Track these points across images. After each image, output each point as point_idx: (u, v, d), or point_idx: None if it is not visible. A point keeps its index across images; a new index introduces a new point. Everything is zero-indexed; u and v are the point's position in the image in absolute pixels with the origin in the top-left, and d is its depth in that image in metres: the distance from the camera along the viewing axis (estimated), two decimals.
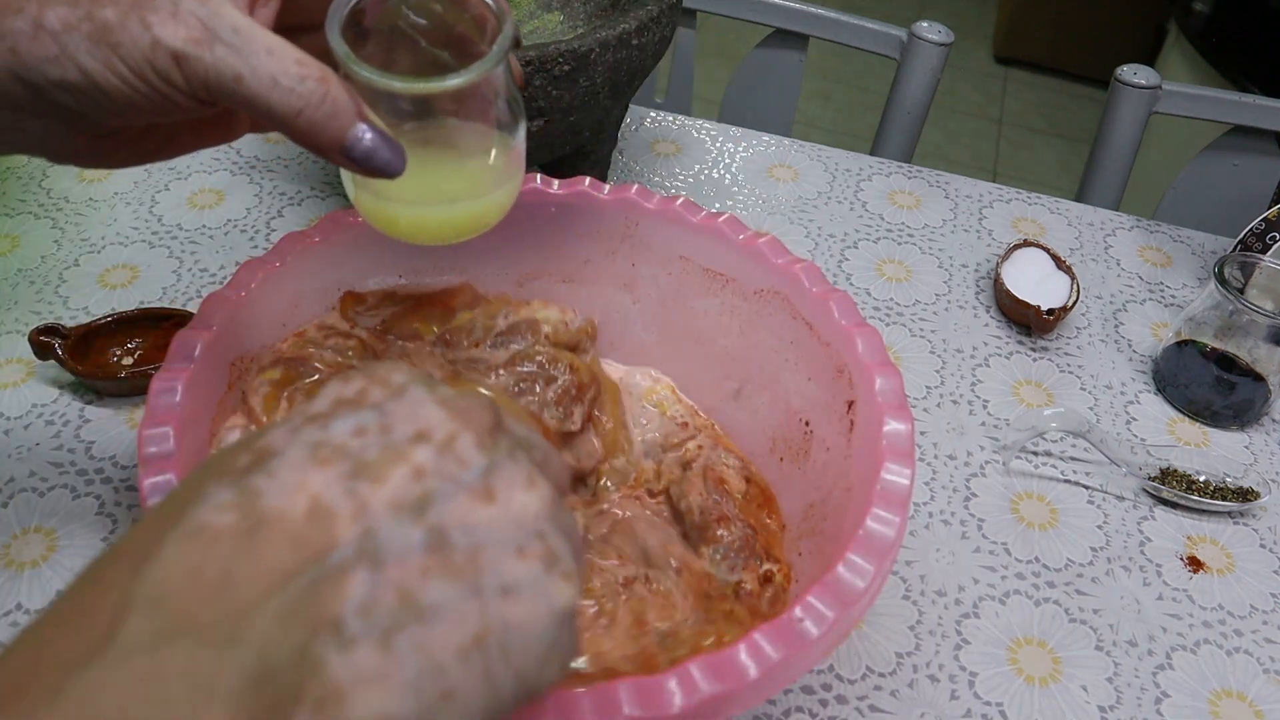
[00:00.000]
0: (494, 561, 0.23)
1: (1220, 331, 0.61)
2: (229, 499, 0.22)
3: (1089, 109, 2.50)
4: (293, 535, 0.22)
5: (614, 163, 0.79)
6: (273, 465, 0.23)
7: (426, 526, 0.23)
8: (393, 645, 0.21)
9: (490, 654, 0.22)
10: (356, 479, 0.23)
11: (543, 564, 0.24)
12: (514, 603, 0.23)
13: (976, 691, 0.47)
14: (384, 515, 0.22)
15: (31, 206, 0.70)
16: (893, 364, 0.43)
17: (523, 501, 0.24)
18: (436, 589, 0.22)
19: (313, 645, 0.21)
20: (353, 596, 0.21)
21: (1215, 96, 0.92)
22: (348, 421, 0.24)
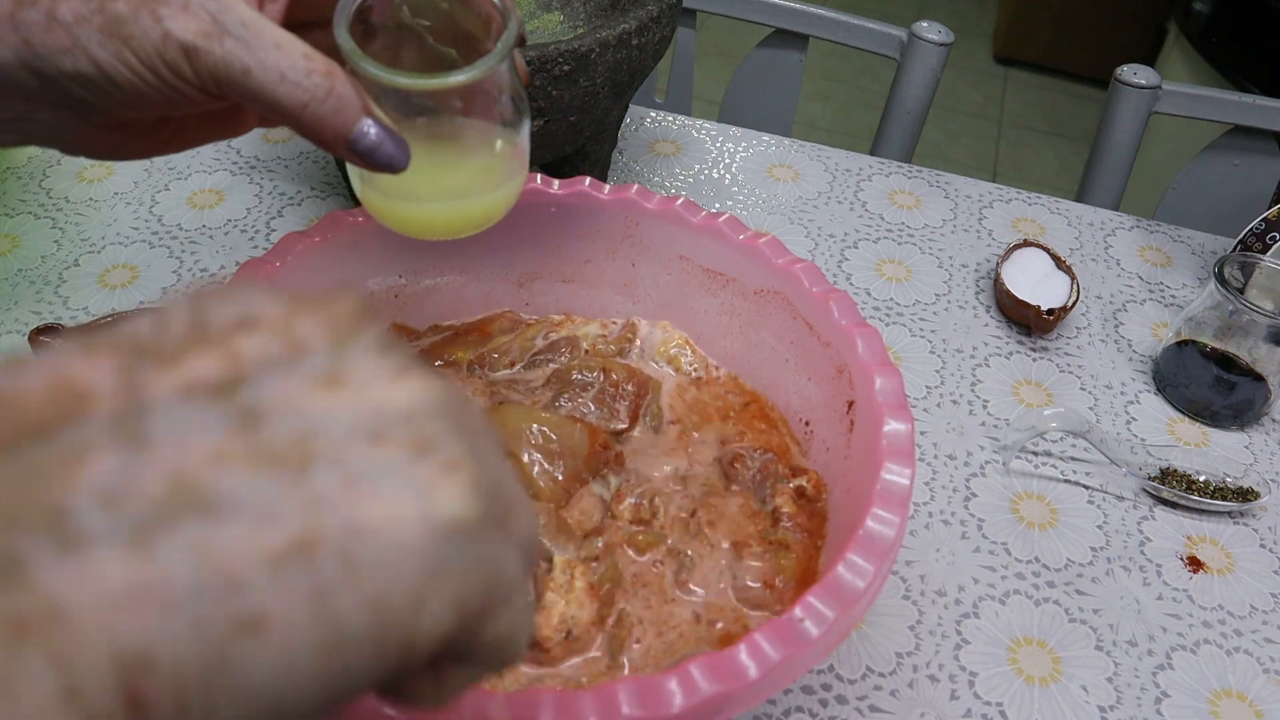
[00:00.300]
0: (332, 449, 0.17)
1: (1220, 331, 0.61)
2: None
3: (1089, 109, 2.50)
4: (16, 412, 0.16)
5: (614, 163, 0.79)
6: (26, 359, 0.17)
7: (231, 407, 0.16)
8: (153, 546, 0.15)
9: (321, 568, 0.16)
10: (137, 361, 0.17)
11: (409, 451, 0.17)
12: (362, 498, 0.16)
13: (976, 691, 0.47)
14: (167, 395, 0.16)
15: (31, 206, 0.70)
16: (893, 364, 0.43)
17: (386, 390, 0.18)
18: (233, 477, 0.16)
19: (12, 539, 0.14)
20: (90, 479, 0.15)
21: (1215, 96, 0.92)
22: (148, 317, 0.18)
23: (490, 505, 0.18)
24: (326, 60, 0.32)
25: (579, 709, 0.30)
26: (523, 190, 0.51)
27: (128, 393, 0.16)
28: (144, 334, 0.17)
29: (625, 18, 0.58)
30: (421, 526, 0.17)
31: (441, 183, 0.38)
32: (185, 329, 0.17)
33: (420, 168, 0.36)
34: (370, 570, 0.16)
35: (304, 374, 0.17)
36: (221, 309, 0.18)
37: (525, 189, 0.51)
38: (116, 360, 0.17)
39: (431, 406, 0.18)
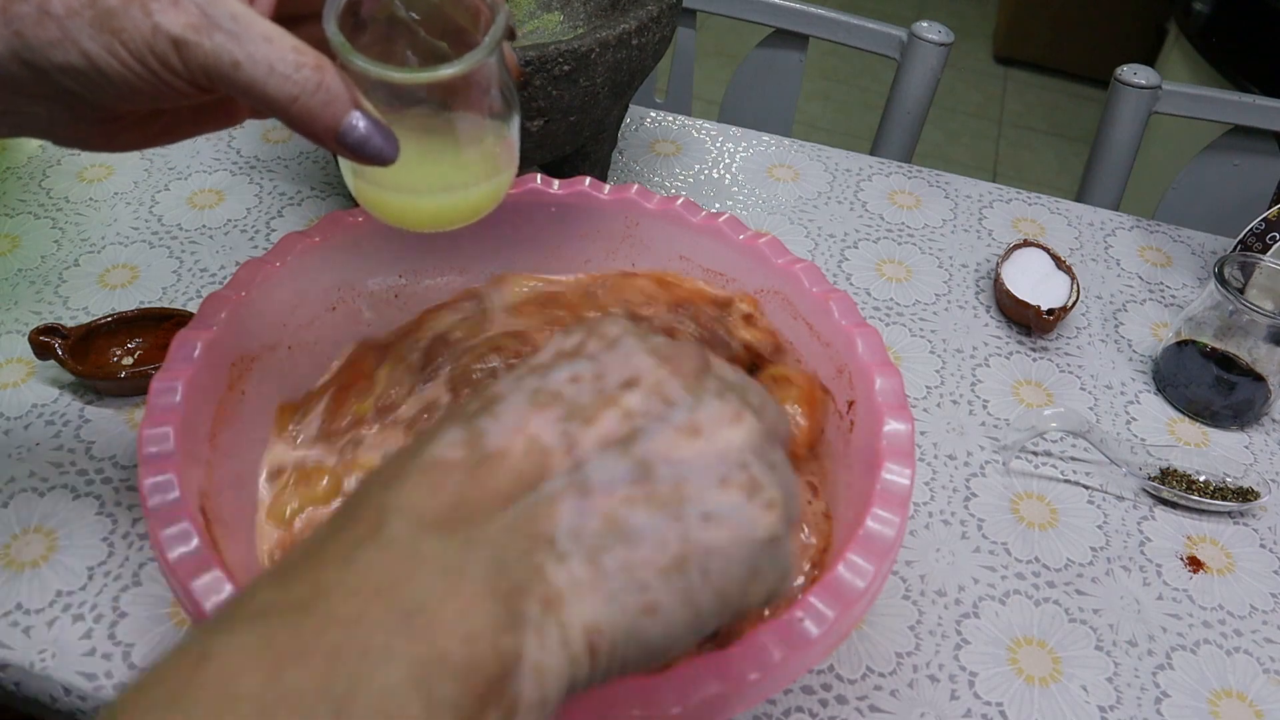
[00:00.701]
0: (696, 491, 0.25)
1: (1220, 331, 0.61)
2: (459, 437, 0.26)
3: (1089, 109, 2.50)
4: (512, 468, 0.25)
5: (614, 163, 0.79)
6: (497, 409, 0.26)
7: (632, 460, 0.25)
8: (600, 563, 0.24)
9: (690, 575, 0.25)
10: (569, 420, 0.26)
11: (744, 493, 0.26)
12: (714, 528, 0.25)
13: (976, 691, 0.47)
14: (593, 451, 0.25)
15: (31, 206, 0.70)
16: (893, 364, 0.43)
17: (727, 436, 0.26)
18: (640, 515, 0.25)
19: (534, 555, 0.24)
20: (563, 520, 0.24)
21: (1215, 96, 0.92)
22: (564, 370, 0.27)
23: (787, 518, 0.27)
24: (316, 54, 0.33)
25: (578, 709, 0.30)
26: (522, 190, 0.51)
27: (569, 449, 0.25)
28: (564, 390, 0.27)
29: (625, 18, 0.58)
30: (749, 545, 0.26)
31: (431, 175, 0.38)
32: (591, 386, 0.27)
33: (410, 160, 0.36)
34: (718, 576, 0.25)
35: (673, 425, 0.26)
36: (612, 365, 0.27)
37: (525, 189, 0.51)
38: (555, 418, 0.26)
39: (754, 447, 0.26)
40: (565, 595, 0.24)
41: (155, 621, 0.47)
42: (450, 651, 0.21)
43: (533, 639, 0.23)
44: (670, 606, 0.25)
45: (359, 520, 0.24)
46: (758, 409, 0.28)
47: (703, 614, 0.25)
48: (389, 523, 0.24)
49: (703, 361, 0.28)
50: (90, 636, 0.46)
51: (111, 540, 0.50)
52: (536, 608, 0.23)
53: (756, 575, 0.26)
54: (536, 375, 0.27)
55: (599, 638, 0.24)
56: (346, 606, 0.22)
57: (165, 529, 0.34)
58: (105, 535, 0.50)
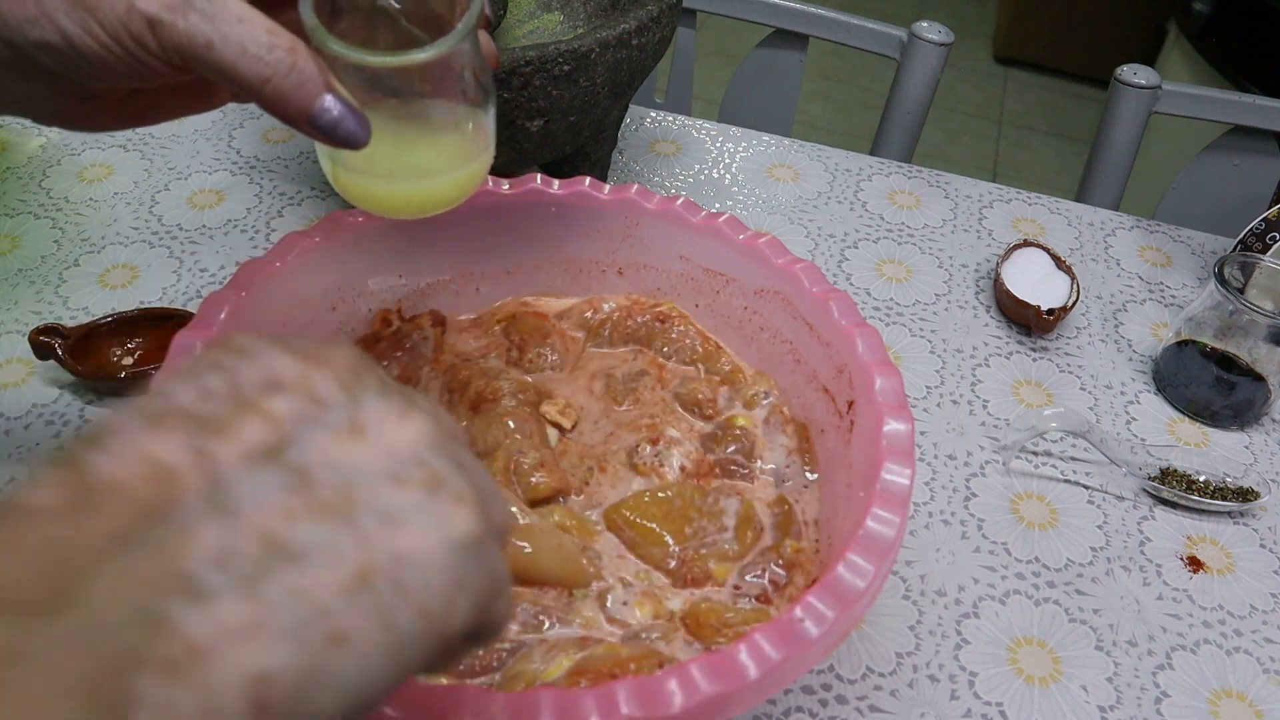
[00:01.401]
0: (369, 495, 0.21)
1: (1220, 331, 0.61)
2: (56, 477, 0.20)
3: (1089, 109, 2.50)
4: (129, 500, 0.19)
5: (614, 163, 0.79)
6: (107, 441, 0.20)
7: (286, 469, 0.21)
8: (260, 593, 0.19)
9: (380, 591, 0.20)
10: (200, 434, 0.21)
11: (424, 490, 0.22)
12: (398, 533, 0.21)
13: (976, 691, 0.47)
14: (235, 465, 0.20)
15: (31, 206, 0.70)
16: (893, 364, 0.43)
17: (396, 434, 0.22)
18: (304, 529, 0.20)
19: (156, 604, 0.18)
20: (204, 549, 0.19)
21: (1215, 96, 0.92)
22: (189, 386, 0.22)
23: (486, 518, 0.23)
24: (290, 36, 0.33)
25: (579, 709, 0.30)
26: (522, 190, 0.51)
27: (203, 467, 0.20)
28: (193, 406, 0.21)
29: (625, 18, 0.58)
30: (445, 549, 0.22)
31: (406, 161, 0.38)
32: (225, 396, 0.22)
33: (386, 146, 0.36)
34: (415, 588, 0.21)
35: (331, 428, 0.22)
36: (248, 371, 0.22)
37: (525, 189, 0.51)
38: (183, 436, 0.21)
39: (431, 443, 0.23)
40: (211, 646, 0.18)
41: None
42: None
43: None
44: (363, 632, 0.20)
45: None
46: (430, 412, 0.24)
47: (405, 639, 0.21)
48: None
49: (356, 358, 0.24)
50: None
51: None
52: (155, 681, 0.17)
53: (461, 585, 0.22)
54: (155, 398, 0.22)
55: (270, 689, 0.19)
56: None
57: None
58: None
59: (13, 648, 0.17)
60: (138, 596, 0.18)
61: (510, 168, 0.62)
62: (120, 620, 0.18)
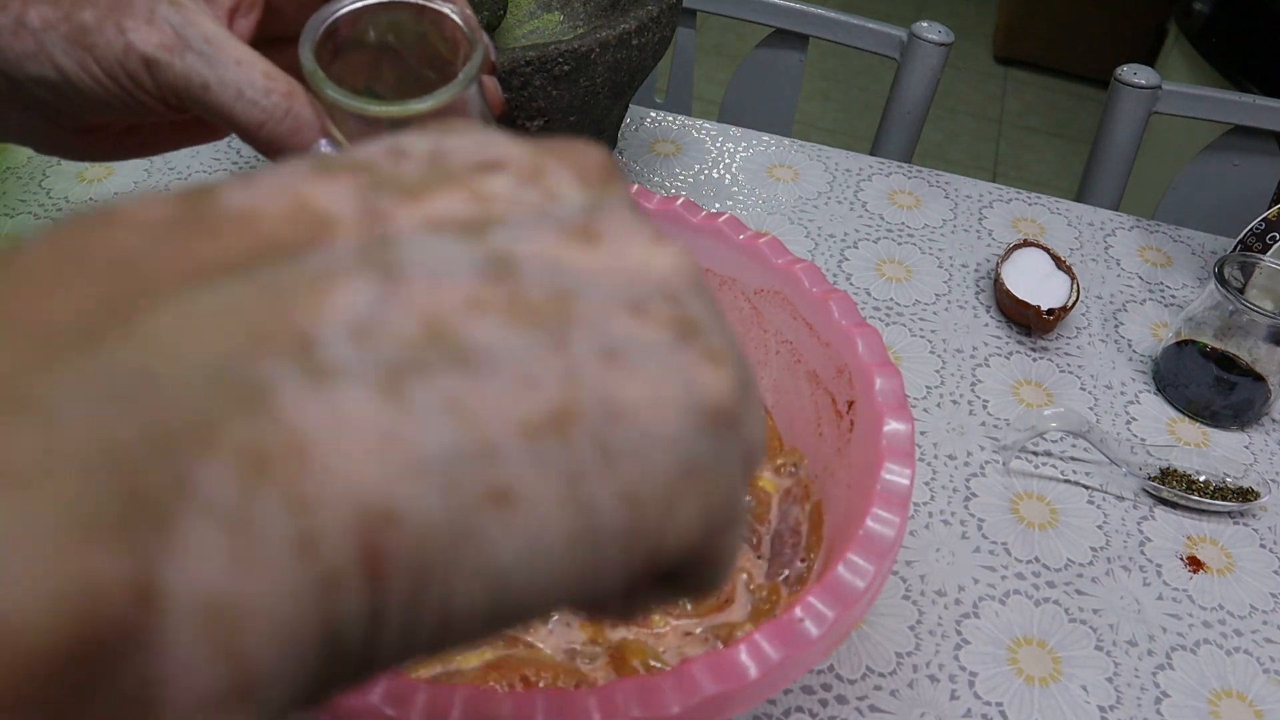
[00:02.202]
0: (592, 314, 0.15)
1: (1220, 331, 0.61)
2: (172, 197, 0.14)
3: (1089, 109, 2.50)
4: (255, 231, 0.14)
5: None
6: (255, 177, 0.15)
7: (484, 250, 0.15)
8: (407, 394, 0.13)
9: (579, 446, 0.14)
10: (378, 190, 0.15)
11: (671, 331, 0.15)
12: (623, 376, 0.15)
13: (976, 691, 0.47)
14: (415, 228, 0.15)
15: (31, 206, 0.70)
16: (893, 364, 0.43)
17: (644, 255, 0.16)
18: (489, 328, 0.14)
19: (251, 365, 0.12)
20: (341, 307, 0.13)
21: (1215, 96, 0.92)
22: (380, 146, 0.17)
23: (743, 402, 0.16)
24: (288, 79, 0.33)
25: (579, 709, 0.30)
26: None
27: (372, 222, 0.15)
28: (381, 163, 0.16)
29: (625, 18, 0.58)
30: (682, 418, 0.15)
31: None
32: (425, 163, 0.16)
33: None
34: (627, 459, 0.14)
35: (556, 224, 0.16)
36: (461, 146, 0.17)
37: None
38: (356, 186, 0.15)
39: (690, 282, 0.16)
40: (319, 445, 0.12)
41: None
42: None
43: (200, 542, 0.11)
44: (539, 497, 0.14)
45: None
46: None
47: (596, 529, 0.14)
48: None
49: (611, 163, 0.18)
50: None
51: None
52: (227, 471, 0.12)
53: (692, 476, 0.15)
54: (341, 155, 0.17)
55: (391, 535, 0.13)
56: None
57: None
58: None
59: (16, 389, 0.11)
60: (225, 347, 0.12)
61: None
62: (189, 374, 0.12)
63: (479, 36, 0.35)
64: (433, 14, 0.36)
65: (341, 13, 0.34)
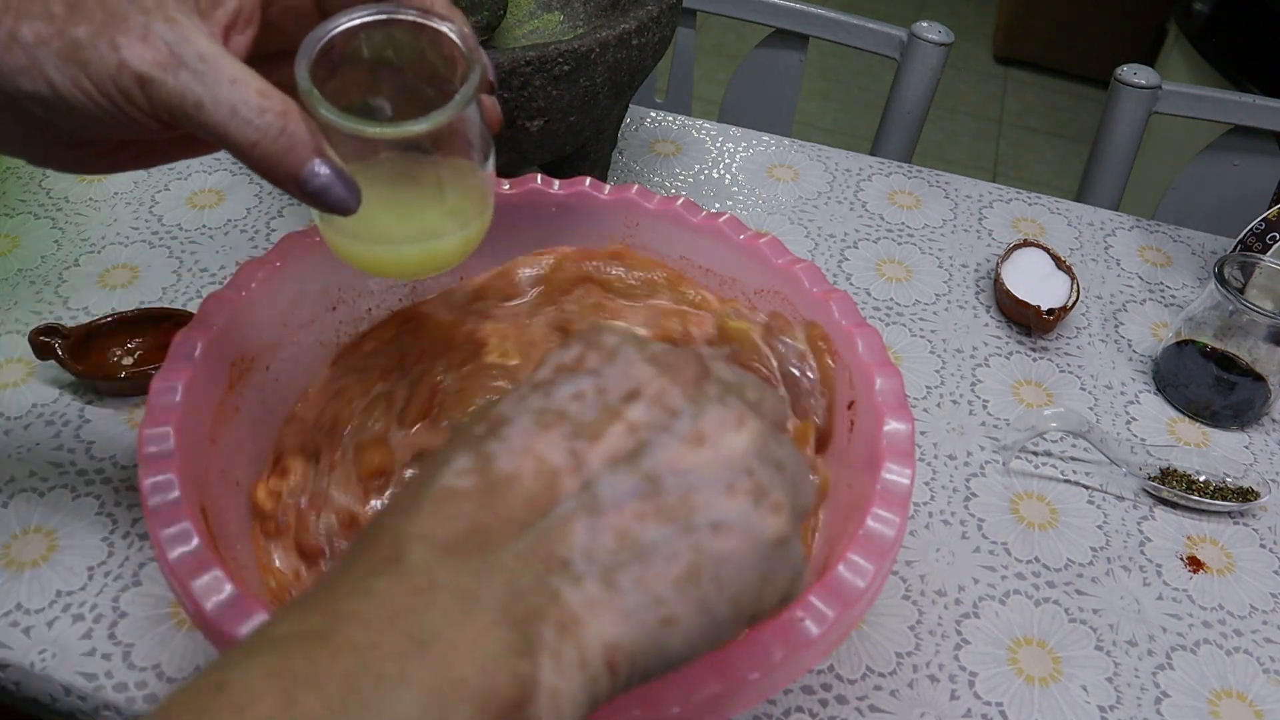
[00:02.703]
0: (704, 501, 0.26)
1: (1220, 331, 0.61)
2: (468, 464, 0.26)
3: (1089, 109, 2.49)
4: (524, 492, 0.25)
5: (614, 163, 0.79)
6: (504, 432, 0.27)
7: (640, 475, 0.26)
8: (615, 580, 0.25)
9: (704, 585, 0.25)
10: (576, 439, 0.26)
11: (751, 499, 0.26)
12: (724, 537, 0.26)
13: (976, 691, 0.47)
14: (601, 469, 0.26)
15: (31, 206, 0.70)
16: (893, 364, 0.43)
17: (731, 442, 0.27)
18: (651, 530, 0.25)
19: (549, 578, 0.24)
20: (577, 541, 0.25)
21: (1215, 96, 0.92)
22: (567, 387, 0.28)
23: (795, 517, 0.27)
24: (283, 98, 0.32)
25: None
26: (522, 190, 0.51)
27: (577, 468, 0.26)
28: (568, 408, 0.27)
29: (625, 18, 0.58)
30: (757, 550, 0.26)
31: (399, 225, 0.37)
32: (594, 402, 0.27)
33: (379, 209, 0.35)
34: (731, 583, 0.26)
35: (678, 436, 0.27)
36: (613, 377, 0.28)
37: (525, 189, 0.51)
38: (561, 438, 0.26)
39: (759, 450, 0.27)
40: (582, 616, 0.24)
41: (155, 621, 0.47)
42: (465, 678, 0.22)
43: (549, 664, 0.23)
44: (687, 616, 0.25)
45: (376, 550, 0.24)
46: (756, 405, 0.28)
47: (719, 621, 0.26)
48: (407, 551, 0.24)
49: (701, 367, 0.29)
50: (90, 636, 0.46)
51: (111, 540, 0.50)
52: (552, 632, 0.23)
53: (768, 579, 0.26)
54: (539, 394, 0.28)
55: (618, 655, 0.24)
56: (362, 634, 0.22)
57: (165, 529, 0.34)
58: (105, 535, 0.50)
59: (466, 588, 0.23)
60: (537, 571, 0.24)
61: (510, 168, 0.62)
62: (528, 586, 0.24)
63: (477, 57, 0.35)
64: (431, 32, 0.35)
65: (337, 31, 0.34)
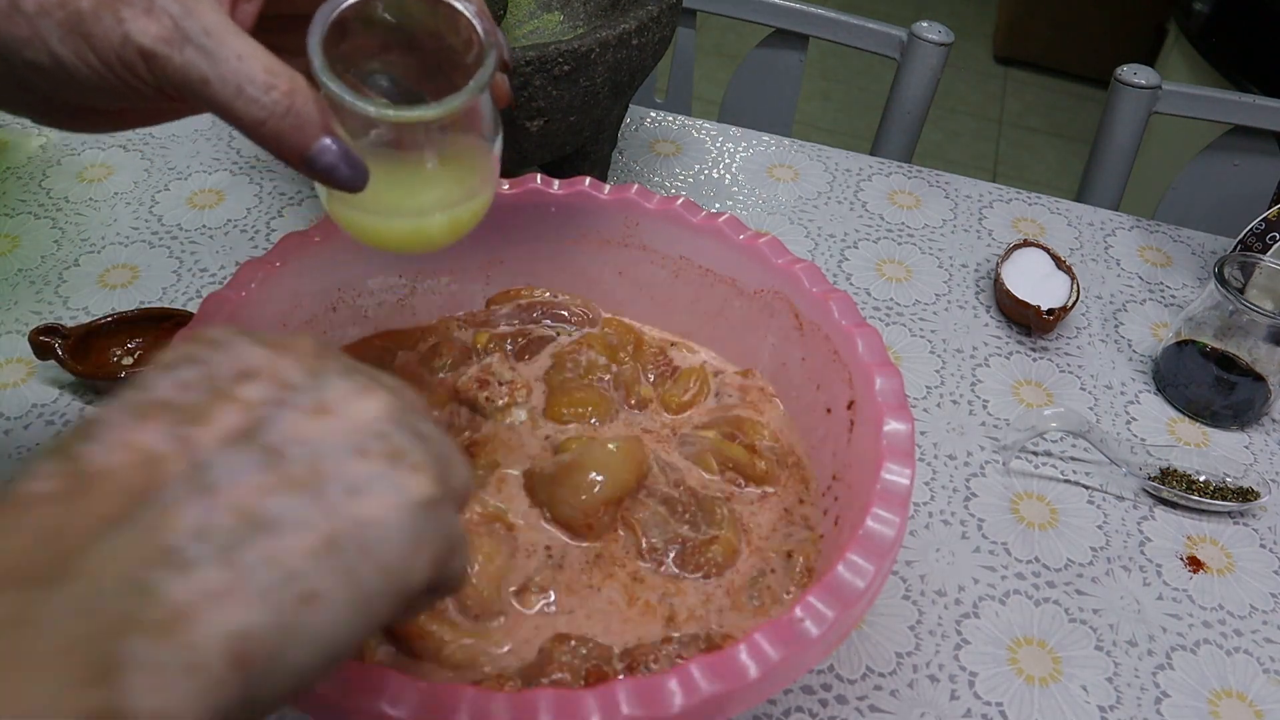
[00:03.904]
0: (334, 467, 0.24)
1: (1220, 331, 0.61)
2: (52, 468, 0.22)
3: (1089, 109, 2.49)
4: (119, 485, 0.22)
5: (614, 163, 0.79)
6: (95, 431, 0.23)
7: (259, 449, 0.23)
8: (236, 560, 0.21)
9: (347, 552, 0.23)
10: (181, 425, 0.23)
11: (387, 461, 0.24)
12: (362, 500, 0.23)
13: (976, 691, 0.47)
14: (213, 448, 0.23)
15: (31, 206, 0.70)
16: (893, 364, 0.43)
17: (359, 408, 0.25)
18: (277, 501, 0.22)
19: (145, 574, 0.20)
20: (185, 524, 0.21)
21: (1215, 96, 0.92)
22: (168, 378, 0.25)
23: (444, 483, 0.25)
24: (290, 75, 0.32)
25: (579, 709, 0.30)
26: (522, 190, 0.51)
27: (185, 452, 0.23)
28: (173, 397, 0.24)
29: (625, 18, 0.58)
30: (403, 513, 0.24)
31: (406, 198, 0.37)
32: (202, 387, 0.24)
33: (387, 182, 0.35)
34: (377, 548, 0.23)
35: (299, 408, 0.24)
36: (221, 362, 0.25)
37: (525, 189, 0.51)
38: (165, 425, 0.23)
39: (391, 417, 0.25)
40: (193, 609, 0.20)
41: None
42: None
43: (141, 683, 0.19)
44: (332, 590, 0.22)
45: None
46: (392, 388, 0.27)
47: (369, 594, 0.23)
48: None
49: (320, 345, 0.27)
50: None
51: None
52: (145, 642, 0.20)
53: (419, 543, 0.24)
54: (138, 389, 0.24)
55: (249, 644, 0.21)
56: None
57: None
58: None
59: (16, 615, 0.19)
60: (127, 569, 0.20)
61: (510, 168, 0.62)
62: (112, 590, 0.20)
63: (494, 40, 0.34)
64: (447, 9, 0.35)
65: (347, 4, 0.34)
